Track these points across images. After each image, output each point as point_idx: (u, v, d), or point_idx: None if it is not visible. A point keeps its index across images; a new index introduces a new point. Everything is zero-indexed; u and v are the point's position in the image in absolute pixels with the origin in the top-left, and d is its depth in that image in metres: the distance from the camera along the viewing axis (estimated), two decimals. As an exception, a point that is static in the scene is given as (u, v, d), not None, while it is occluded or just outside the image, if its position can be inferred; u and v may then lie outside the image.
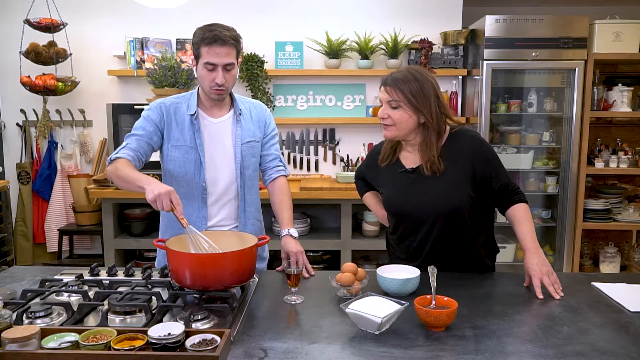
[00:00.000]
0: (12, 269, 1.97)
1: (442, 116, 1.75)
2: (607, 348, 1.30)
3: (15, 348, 1.16)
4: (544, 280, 1.65)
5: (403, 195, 1.81)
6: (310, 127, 4.03)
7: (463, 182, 1.75)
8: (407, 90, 1.70)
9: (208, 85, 1.83)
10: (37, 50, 3.70)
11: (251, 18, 3.91)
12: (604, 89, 3.79)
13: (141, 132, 1.88)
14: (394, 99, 1.72)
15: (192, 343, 1.20)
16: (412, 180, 1.80)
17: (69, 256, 4.09)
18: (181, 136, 1.90)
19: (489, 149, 1.81)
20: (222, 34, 1.77)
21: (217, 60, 1.79)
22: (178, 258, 1.52)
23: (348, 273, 1.66)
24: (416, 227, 1.81)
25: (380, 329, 1.36)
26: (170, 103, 1.94)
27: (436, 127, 1.74)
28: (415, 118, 1.73)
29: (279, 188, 2.06)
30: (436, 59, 3.83)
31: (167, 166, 1.94)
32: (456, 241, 1.80)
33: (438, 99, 1.73)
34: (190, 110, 1.91)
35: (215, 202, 1.95)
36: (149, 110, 1.93)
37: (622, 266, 3.92)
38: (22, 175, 4.05)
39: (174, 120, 1.91)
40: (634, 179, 4.15)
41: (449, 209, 1.74)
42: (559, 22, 3.52)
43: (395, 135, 1.79)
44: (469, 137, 1.79)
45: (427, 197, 1.76)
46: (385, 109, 1.76)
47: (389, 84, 1.73)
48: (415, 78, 1.71)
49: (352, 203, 3.51)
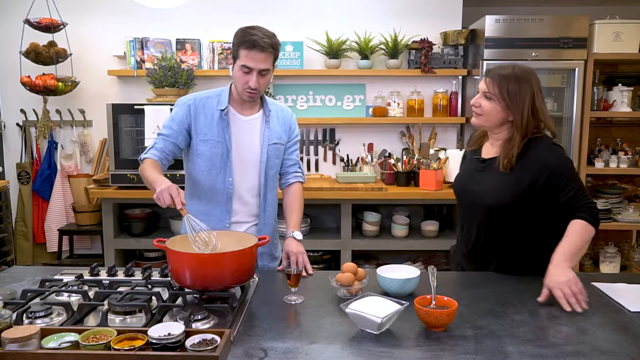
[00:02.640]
0: (12, 269, 1.98)
1: (533, 120, 1.77)
2: (607, 348, 1.30)
3: (15, 348, 1.16)
4: (564, 291, 1.55)
5: (466, 180, 1.94)
6: (310, 127, 4.03)
7: (519, 184, 1.76)
8: (505, 87, 1.75)
9: (241, 86, 1.87)
10: (37, 50, 3.69)
11: (251, 18, 3.89)
12: (604, 89, 3.79)
13: (167, 131, 1.93)
14: (490, 91, 1.78)
15: (192, 343, 1.20)
16: (480, 169, 1.89)
17: (69, 256, 4.08)
18: (209, 130, 1.93)
19: (561, 161, 1.76)
20: (262, 40, 1.80)
21: (253, 65, 1.82)
22: (178, 258, 1.52)
23: (348, 273, 1.66)
24: (469, 214, 1.91)
25: (380, 329, 1.36)
26: (200, 98, 1.97)
27: (523, 129, 1.76)
28: (504, 115, 1.78)
29: (294, 193, 2.11)
30: (436, 59, 3.83)
31: (195, 160, 1.97)
32: (503, 239, 1.83)
33: (534, 103, 1.75)
34: (220, 105, 1.95)
35: (239, 199, 1.98)
36: (176, 106, 1.98)
37: (622, 266, 3.92)
38: (22, 175, 4.05)
39: (202, 115, 1.94)
40: (634, 179, 4.15)
41: (494, 204, 1.80)
42: (559, 22, 3.51)
43: (481, 125, 1.85)
44: (544, 144, 1.78)
45: (482, 188, 1.84)
46: (479, 97, 1.82)
47: (490, 76, 1.78)
48: (517, 78, 1.75)
49: (352, 203, 3.51)
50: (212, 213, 1.95)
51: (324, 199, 3.48)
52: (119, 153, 3.43)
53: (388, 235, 3.69)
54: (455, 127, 4.05)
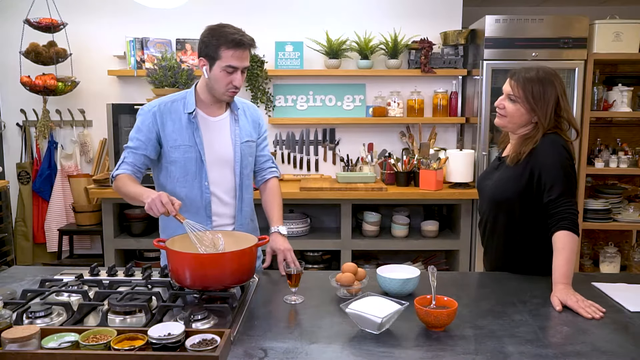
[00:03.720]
0: (12, 269, 1.98)
1: (556, 119, 1.78)
2: (607, 348, 1.30)
3: (15, 348, 1.16)
4: (568, 303, 1.55)
5: (484, 176, 2.01)
6: (310, 127, 4.03)
7: (520, 179, 1.79)
8: (529, 90, 1.76)
9: (224, 87, 1.84)
10: (37, 50, 3.69)
11: (251, 18, 3.91)
12: (604, 89, 3.79)
13: (135, 143, 1.87)
14: (514, 94, 1.79)
15: (192, 343, 1.20)
16: (496, 166, 1.94)
17: (69, 256, 4.08)
18: (179, 136, 1.88)
19: (557, 160, 1.73)
20: (245, 37, 1.80)
21: (239, 64, 1.81)
22: (178, 258, 1.52)
23: (348, 273, 1.66)
24: (482, 209, 1.97)
25: (380, 329, 1.36)
26: (164, 103, 1.91)
27: (545, 128, 1.78)
28: (528, 117, 1.79)
29: (272, 188, 2.10)
30: (436, 59, 3.83)
31: (169, 169, 1.91)
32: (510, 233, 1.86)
33: (559, 104, 1.77)
34: (188, 108, 1.90)
35: (217, 202, 1.95)
36: (140, 116, 1.91)
37: (622, 266, 3.92)
38: (22, 175, 4.05)
39: (169, 121, 1.89)
40: (634, 179, 4.15)
41: (499, 198, 1.85)
42: (559, 22, 3.51)
43: (504, 126, 1.87)
44: (548, 142, 1.76)
45: (493, 183, 1.89)
46: (503, 99, 1.83)
47: (515, 79, 1.79)
48: (541, 81, 1.76)
49: (352, 203, 3.51)
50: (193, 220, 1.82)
51: (324, 199, 3.48)
52: (119, 153, 3.41)
53: (388, 235, 3.69)
54: (455, 127, 4.05)
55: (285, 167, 4.05)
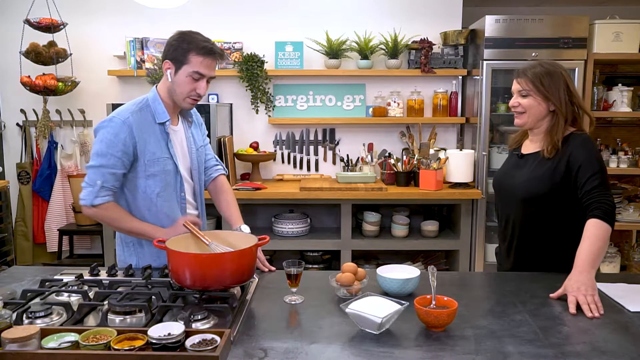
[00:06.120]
0: (12, 269, 1.98)
1: (571, 106, 1.82)
2: (607, 348, 1.30)
3: (15, 348, 1.16)
4: (579, 299, 1.54)
5: (504, 174, 1.99)
6: (310, 127, 4.03)
7: (554, 175, 1.80)
8: (537, 79, 1.81)
9: (186, 93, 1.80)
10: (37, 50, 3.69)
11: (251, 18, 3.91)
12: (604, 89, 3.79)
13: (110, 161, 1.73)
14: (524, 88, 1.83)
15: (192, 343, 1.20)
16: (518, 164, 1.94)
17: (69, 256, 4.09)
18: (157, 148, 1.81)
19: (591, 154, 1.77)
20: (216, 47, 1.79)
21: (207, 72, 1.78)
22: (178, 258, 1.52)
23: (348, 273, 1.66)
24: (505, 209, 1.95)
25: (380, 329, 1.36)
26: (134, 113, 1.80)
27: (565, 114, 1.81)
28: (544, 106, 1.82)
29: (222, 187, 2.09)
30: (436, 59, 3.83)
31: (146, 184, 1.81)
32: (538, 231, 1.86)
33: (568, 89, 1.81)
34: (159, 118, 1.83)
35: (190, 210, 1.96)
36: (109, 128, 1.75)
37: (622, 266, 3.92)
38: (22, 175, 4.05)
39: (144, 133, 1.79)
40: (634, 179, 4.15)
41: (528, 195, 1.84)
42: (559, 22, 3.51)
43: (525, 122, 1.88)
44: (580, 139, 1.81)
45: (518, 180, 1.89)
46: (516, 98, 1.87)
47: (520, 75, 1.85)
48: (545, 69, 1.82)
49: (352, 203, 3.51)
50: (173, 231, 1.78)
51: (324, 199, 3.48)
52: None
53: (388, 235, 3.70)
54: (455, 127, 4.05)
55: (285, 167, 4.05)
